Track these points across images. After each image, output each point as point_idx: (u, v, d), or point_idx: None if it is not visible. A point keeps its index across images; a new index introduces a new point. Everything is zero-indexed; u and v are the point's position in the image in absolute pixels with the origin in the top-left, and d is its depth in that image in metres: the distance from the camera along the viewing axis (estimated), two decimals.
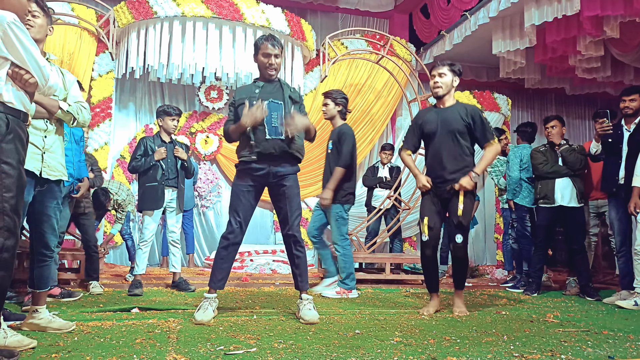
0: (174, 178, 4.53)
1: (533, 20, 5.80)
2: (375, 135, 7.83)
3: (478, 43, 7.20)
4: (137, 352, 2.27)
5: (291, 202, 3.31)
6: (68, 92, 2.87)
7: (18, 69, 2.07)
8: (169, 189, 4.53)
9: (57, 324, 2.72)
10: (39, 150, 2.71)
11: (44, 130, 2.74)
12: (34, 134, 2.66)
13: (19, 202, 2.04)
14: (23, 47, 2.04)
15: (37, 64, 2.10)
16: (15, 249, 2.01)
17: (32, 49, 2.07)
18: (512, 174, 5.27)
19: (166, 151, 4.47)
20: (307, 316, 3.13)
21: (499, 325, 3.16)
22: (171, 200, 4.55)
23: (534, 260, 4.99)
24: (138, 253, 4.46)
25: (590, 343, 2.68)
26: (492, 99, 7.92)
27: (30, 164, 2.64)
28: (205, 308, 3.12)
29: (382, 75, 7.60)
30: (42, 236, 2.79)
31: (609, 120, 4.43)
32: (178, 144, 4.67)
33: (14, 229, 2.00)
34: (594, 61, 6.61)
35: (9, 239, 1.97)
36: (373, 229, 6.60)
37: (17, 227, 2.03)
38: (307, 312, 3.16)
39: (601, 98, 9.50)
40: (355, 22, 9.01)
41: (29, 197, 2.66)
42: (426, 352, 2.38)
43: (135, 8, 6.12)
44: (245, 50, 6.20)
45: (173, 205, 4.57)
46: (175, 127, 4.59)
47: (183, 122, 7.24)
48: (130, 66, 6.27)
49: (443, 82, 3.58)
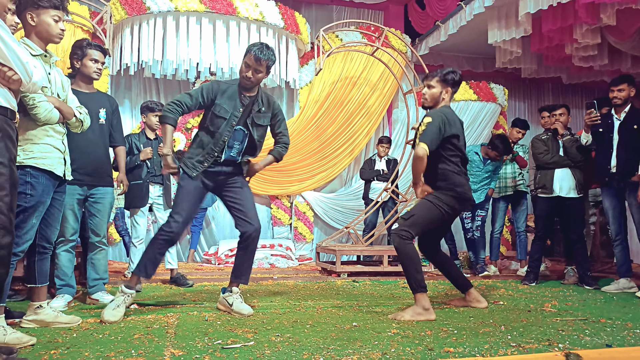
0: (159, 175, 4.53)
1: (528, 8, 5.76)
2: (371, 128, 7.82)
3: (474, 33, 7.17)
4: (135, 348, 2.28)
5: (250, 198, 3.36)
6: (67, 94, 2.88)
7: (1, 66, 2.05)
8: (155, 185, 4.53)
9: (65, 319, 2.75)
10: (61, 154, 2.74)
11: (63, 134, 2.79)
12: (56, 138, 2.72)
13: (13, 200, 2.04)
14: (4, 44, 2.03)
15: (20, 60, 2.09)
16: (11, 246, 2.02)
17: (13, 45, 2.06)
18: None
19: (152, 151, 4.46)
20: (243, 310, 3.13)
21: (496, 316, 3.17)
22: (158, 196, 4.55)
23: (533, 250, 4.99)
24: (132, 250, 4.47)
25: (588, 332, 2.68)
26: (489, 89, 7.91)
27: (59, 169, 2.68)
28: (118, 305, 2.99)
29: (377, 68, 7.57)
30: (46, 229, 2.80)
31: (596, 110, 4.46)
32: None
33: (9, 226, 2.01)
34: (590, 49, 6.58)
35: (5, 237, 1.98)
36: (371, 221, 6.60)
37: (12, 224, 2.04)
38: (240, 304, 3.18)
39: (598, 87, 9.48)
40: (350, 14, 8.97)
41: (49, 200, 2.68)
42: (423, 344, 2.38)
43: (129, 4, 6.08)
44: (239, 45, 6.17)
45: (160, 201, 4.57)
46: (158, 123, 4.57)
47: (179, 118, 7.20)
48: (125, 62, 6.24)
49: (429, 95, 3.45)
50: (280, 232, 7.50)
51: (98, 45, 3.53)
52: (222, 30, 6.16)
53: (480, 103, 7.80)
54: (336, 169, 7.67)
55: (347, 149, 7.66)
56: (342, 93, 7.57)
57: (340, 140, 7.59)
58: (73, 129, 2.93)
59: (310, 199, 7.57)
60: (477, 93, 7.77)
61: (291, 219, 7.54)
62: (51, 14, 2.58)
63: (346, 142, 7.64)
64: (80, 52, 3.44)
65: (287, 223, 7.51)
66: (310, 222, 7.57)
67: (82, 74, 3.48)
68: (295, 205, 7.53)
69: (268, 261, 6.53)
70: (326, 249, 5.87)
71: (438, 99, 3.43)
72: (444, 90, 3.41)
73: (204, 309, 3.35)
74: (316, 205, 7.58)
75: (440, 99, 3.43)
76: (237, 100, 3.21)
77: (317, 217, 7.68)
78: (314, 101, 7.49)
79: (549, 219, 5.00)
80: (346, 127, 7.61)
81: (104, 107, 3.57)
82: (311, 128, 7.45)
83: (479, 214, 5.69)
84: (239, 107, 3.21)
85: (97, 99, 3.57)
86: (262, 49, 3.13)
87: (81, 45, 3.46)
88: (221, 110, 3.18)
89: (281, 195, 7.50)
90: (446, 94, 3.42)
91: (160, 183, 4.55)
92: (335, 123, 7.55)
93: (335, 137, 7.56)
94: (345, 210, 7.67)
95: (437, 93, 3.42)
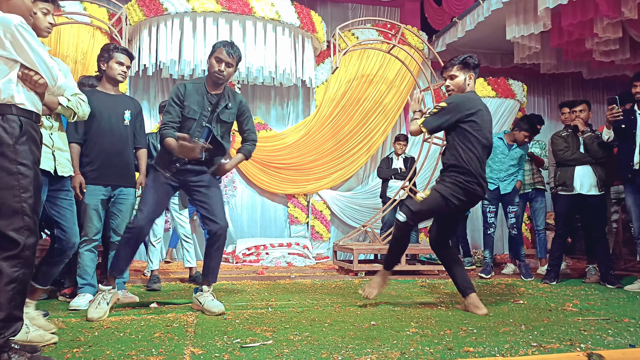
0: None
1: (547, 3, 5.67)
2: (388, 126, 7.78)
3: (491, 29, 7.08)
4: (155, 346, 2.30)
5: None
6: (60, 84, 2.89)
7: (27, 70, 2.09)
8: None
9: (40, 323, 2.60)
10: (49, 148, 2.76)
11: (49, 127, 2.81)
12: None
13: (36, 201, 2.09)
14: (31, 48, 2.07)
15: (46, 64, 2.13)
16: (35, 247, 2.06)
17: (40, 50, 2.10)
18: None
19: None
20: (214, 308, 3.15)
21: (516, 315, 3.13)
22: (174, 196, 4.59)
23: (553, 248, 4.92)
24: (150, 249, 4.53)
25: (610, 331, 2.64)
26: (507, 85, 7.80)
27: (45, 164, 2.69)
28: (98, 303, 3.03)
29: (394, 65, 7.53)
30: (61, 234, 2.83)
31: (618, 106, 4.36)
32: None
33: (33, 227, 2.06)
34: (611, 43, 6.44)
35: (30, 238, 2.03)
36: (388, 219, 6.57)
37: (36, 225, 2.08)
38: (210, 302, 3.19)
39: (620, 81, 9.30)
40: (366, 11, 8.92)
41: (44, 196, 2.70)
42: (442, 343, 2.36)
43: (146, 5, 6.14)
44: (256, 44, 6.19)
45: (176, 201, 4.62)
46: None
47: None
48: (143, 64, 6.30)
49: (454, 84, 3.42)
50: (297, 231, 7.52)
51: (124, 49, 3.63)
52: (238, 30, 6.19)
53: (498, 99, 7.70)
54: (353, 168, 7.66)
55: (363, 147, 7.64)
56: (358, 91, 7.55)
57: (357, 138, 7.57)
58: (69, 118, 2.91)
59: (327, 198, 7.56)
60: (496, 89, 7.68)
61: (308, 218, 7.55)
62: (39, 6, 2.55)
63: (363, 141, 7.61)
64: (107, 55, 3.57)
65: (304, 222, 7.52)
66: (327, 221, 7.57)
67: (108, 76, 3.59)
68: (312, 203, 7.54)
69: (285, 260, 6.55)
70: (343, 248, 5.87)
71: (463, 85, 3.40)
72: (467, 76, 3.40)
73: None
74: (333, 203, 7.58)
75: (465, 85, 3.40)
76: (204, 99, 3.25)
77: (334, 216, 7.68)
78: (330, 99, 7.48)
79: (570, 217, 4.93)
80: (363, 125, 7.58)
81: (129, 109, 3.65)
82: (327, 126, 7.44)
83: (511, 210, 5.40)
84: (207, 106, 3.25)
85: (123, 101, 3.67)
86: (232, 45, 3.23)
87: (108, 49, 3.59)
88: (190, 111, 3.21)
89: (298, 194, 7.51)
90: (470, 79, 3.41)
91: None
92: (351, 121, 7.53)
93: (351, 135, 7.54)
94: (362, 209, 7.65)
95: (462, 81, 3.40)
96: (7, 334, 1.95)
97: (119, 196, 3.59)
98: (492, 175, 5.32)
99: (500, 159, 5.34)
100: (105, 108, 3.51)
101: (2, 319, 1.94)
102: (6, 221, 1.98)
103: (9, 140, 2.01)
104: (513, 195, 5.39)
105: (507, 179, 5.34)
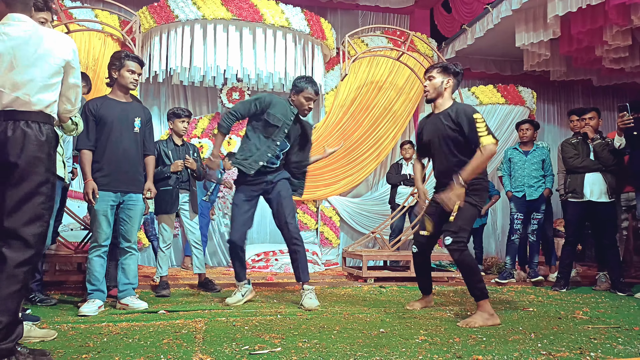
0: (186, 181, 4.60)
1: (557, 11, 5.67)
2: (397, 132, 7.78)
3: (501, 36, 7.09)
4: (164, 353, 2.32)
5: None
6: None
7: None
8: (181, 192, 4.59)
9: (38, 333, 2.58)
10: (61, 157, 2.83)
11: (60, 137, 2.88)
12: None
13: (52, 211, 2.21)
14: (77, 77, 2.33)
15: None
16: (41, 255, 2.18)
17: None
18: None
19: (182, 164, 4.51)
20: (307, 304, 3.57)
21: (526, 323, 3.12)
22: (184, 202, 4.61)
23: (563, 255, 4.90)
24: (160, 255, 4.54)
25: (621, 340, 2.62)
26: (517, 92, 7.78)
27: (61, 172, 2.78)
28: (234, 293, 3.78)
29: (403, 72, 7.54)
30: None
31: (629, 113, 4.35)
32: (190, 146, 4.75)
33: (45, 235, 2.16)
34: (621, 51, 6.43)
35: (41, 245, 2.13)
36: (397, 226, 6.56)
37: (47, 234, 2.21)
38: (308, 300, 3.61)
39: (630, 88, 9.25)
40: (376, 19, 8.95)
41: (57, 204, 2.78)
42: (451, 351, 2.36)
43: (157, 12, 6.21)
44: (266, 51, 6.23)
45: (186, 207, 4.63)
46: (185, 129, 4.64)
47: (206, 124, 7.32)
48: (154, 70, 6.37)
49: (430, 85, 3.43)
50: (307, 237, 7.51)
51: (136, 57, 3.67)
52: (248, 37, 6.23)
53: (508, 106, 7.67)
54: (362, 174, 7.66)
55: (372, 153, 7.64)
56: (367, 98, 7.56)
57: (366, 145, 7.58)
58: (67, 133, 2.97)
59: (336, 204, 7.57)
60: (505, 96, 7.66)
61: (317, 224, 7.55)
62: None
63: (372, 147, 7.62)
64: (118, 63, 3.60)
65: (313, 228, 7.52)
66: (337, 227, 7.57)
67: (120, 84, 3.64)
68: (321, 210, 7.55)
69: None
70: (352, 254, 5.86)
71: (440, 89, 3.43)
72: (445, 80, 3.41)
73: (232, 314, 3.37)
74: (342, 210, 7.58)
75: (442, 88, 3.43)
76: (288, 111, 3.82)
77: (343, 222, 7.68)
78: (339, 106, 7.50)
79: (580, 224, 4.90)
80: (372, 131, 7.59)
81: (139, 116, 3.69)
82: (337, 133, 7.46)
83: (535, 217, 5.42)
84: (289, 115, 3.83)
85: (134, 108, 3.71)
86: (314, 83, 3.81)
87: (119, 57, 3.62)
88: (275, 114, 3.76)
89: (307, 200, 7.52)
90: (447, 84, 3.42)
91: (187, 189, 4.62)
92: (360, 128, 7.54)
93: (361, 141, 7.55)
94: (372, 215, 7.65)
95: (438, 83, 3.43)
96: (13, 337, 2.00)
97: (128, 202, 3.61)
98: (517, 184, 5.46)
99: (519, 166, 5.44)
100: (116, 115, 3.55)
101: (9, 323, 1.98)
102: (26, 224, 2.05)
103: (49, 149, 2.12)
104: (540, 202, 5.43)
105: (534, 185, 5.39)
